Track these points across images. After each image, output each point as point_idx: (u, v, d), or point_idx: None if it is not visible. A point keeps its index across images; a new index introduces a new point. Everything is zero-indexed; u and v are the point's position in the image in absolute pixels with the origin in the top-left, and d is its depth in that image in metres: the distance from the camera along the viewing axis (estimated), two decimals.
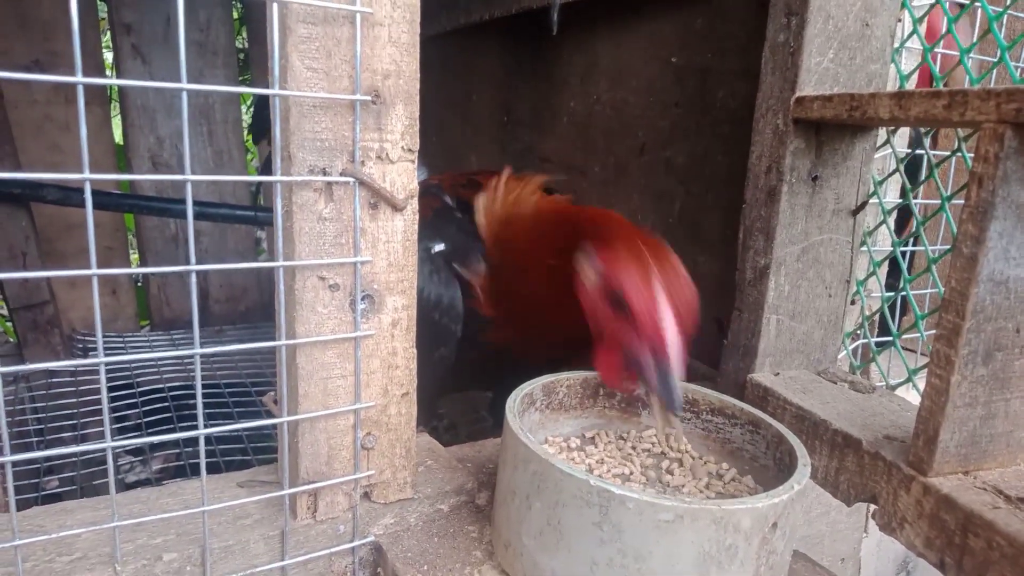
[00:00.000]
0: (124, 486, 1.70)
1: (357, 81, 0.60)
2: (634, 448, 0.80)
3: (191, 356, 0.55)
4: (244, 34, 2.72)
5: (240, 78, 2.59)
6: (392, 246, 0.66)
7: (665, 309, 0.68)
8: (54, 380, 1.91)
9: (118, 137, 2.45)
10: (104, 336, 2.33)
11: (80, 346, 2.22)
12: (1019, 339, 0.65)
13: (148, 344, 2.32)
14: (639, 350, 0.70)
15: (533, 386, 0.76)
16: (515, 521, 0.64)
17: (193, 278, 0.55)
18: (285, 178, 0.59)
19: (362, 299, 0.65)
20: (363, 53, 0.61)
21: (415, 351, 0.69)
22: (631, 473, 0.75)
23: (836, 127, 0.86)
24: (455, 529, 0.72)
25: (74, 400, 1.83)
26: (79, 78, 0.47)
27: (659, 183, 1.45)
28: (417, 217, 0.66)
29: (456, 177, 1.16)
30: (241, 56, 2.65)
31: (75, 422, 1.76)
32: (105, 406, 0.54)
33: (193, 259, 0.56)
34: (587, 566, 0.59)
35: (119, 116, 2.35)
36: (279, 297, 0.62)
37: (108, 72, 2.39)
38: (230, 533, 0.66)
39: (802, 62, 0.83)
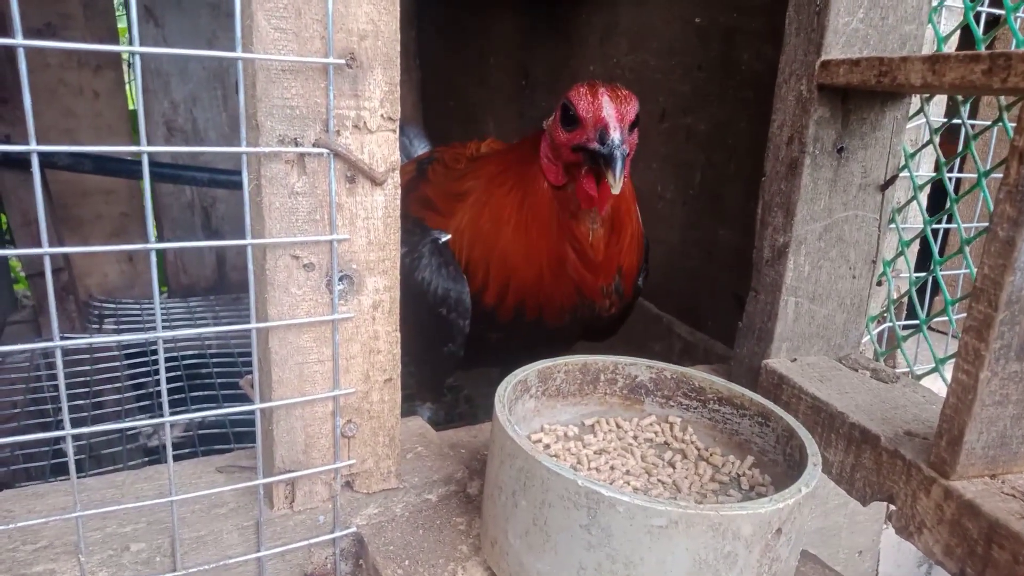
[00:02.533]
0: (144, 451, 1.69)
1: (330, 43, 0.55)
2: (635, 438, 0.75)
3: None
4: None
5: None
6: (372, 223, 0.61)
7: (607, 105, 0.76)
8: (69, 348, 1.91)
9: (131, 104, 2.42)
10: (121, 303, 2.31)
11: (96, 312, 2.22)
12: None
13: (164, 311, 2.32)
14: (588, 138, 0.77)
15: (527, 372, 0.71)
16: (501, 518, 0.60)
17: (153, 256, 0.51)
18: (251, 149, 0.55)
19: (340, 279, 0.61)
20: (336, 11, 0.55)
21: (398, 334, 0.65)
22: (630, 465, 0.70)
23: (864, 94, 0.79)
24: (442, 521, 0.69)
25: (88, 368, 1.83)
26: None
27: (680, 152, 1.38)
28: (399, 192, 0.62)
29: (443, 151, 1.11)
30: None
31: (88, 390, 1.76)
32: (63, 392, 0.50)
33: (152, 237, 0.52)
34: (574, 570, 0.55)
35: (132, 82, 2.32)
36: (251, 276, 0.58)
37: (122, 38, 2.35)
38: (203, 523, 0.63)
39: (828, 22, 0.76)
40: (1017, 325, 0.57)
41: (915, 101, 0.84)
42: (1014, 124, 0.56)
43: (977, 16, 0.81)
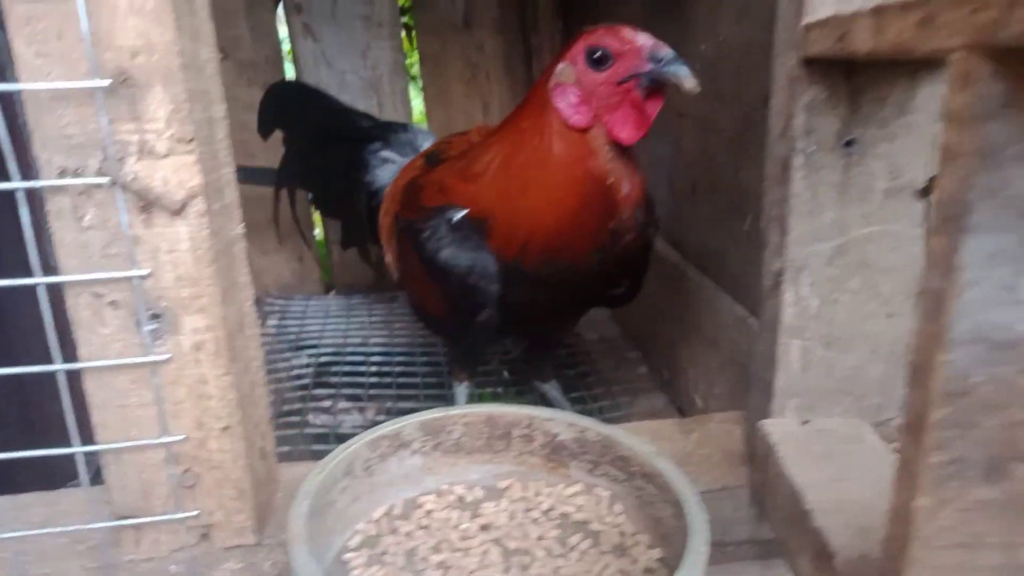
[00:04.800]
0: (336, 437, 1.70)
1: (93, 62, 0.49)
2: (548, 511, 0.61)
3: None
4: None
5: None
6: (178, 256, 0.55)
7: (638, 34, 0.79)
8: None
9: None
10: (289, 299, 2.49)
11: (268, 308, 2.43)
12: None
13: (324, 308, 2.47)
14: (638, 64, 0.79)
15: (401, 425, 0.61)
16: None
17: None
18: (25, 184, 0.51)
19: (152, 319, 0.56)
20: (100, 28, 0.50)
21: (232, 378, 0.58)
22: (517, 547, 0.57)
23: (882, 66, 0.56)
24: None
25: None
26: None
27: None
28: (206, 220, 0.54)
29: (454, 143, 1.04)
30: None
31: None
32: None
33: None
34: None
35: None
36: (45, 317, 0.54)
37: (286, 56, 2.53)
38: (56, 561, 0.62)
39: None
40: (976, 429, 0.35)
41: None
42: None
43: None
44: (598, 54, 0.81)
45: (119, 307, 0.55)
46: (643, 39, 0.79)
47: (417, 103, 2.83)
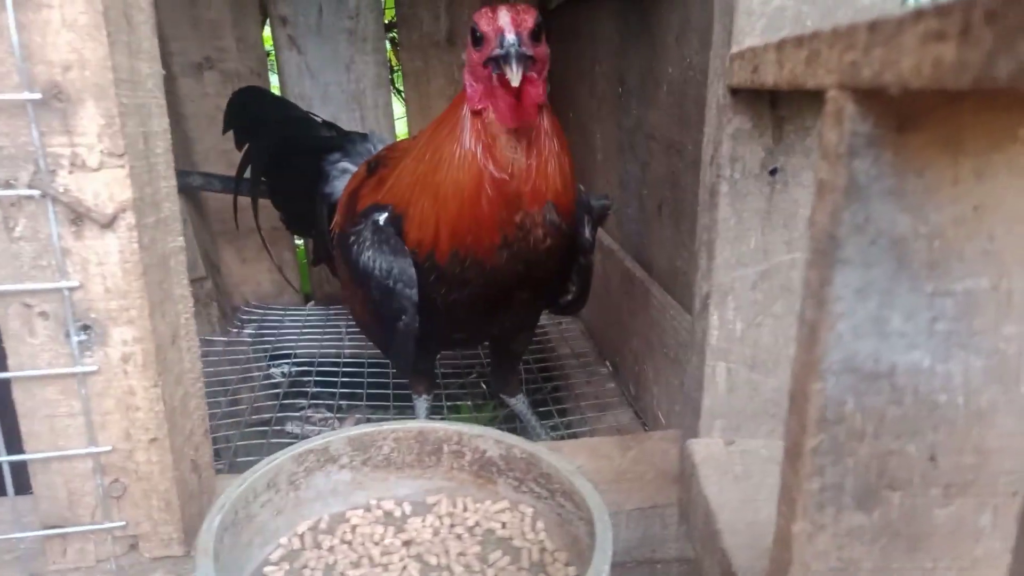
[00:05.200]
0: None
1: (23, 75, 0.50)
2: (473, 528, 0.61)
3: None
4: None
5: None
6: (108, 268, 0.55)
7: (504, 16, 0.77)
8: (207, 349, 2.09)
9: None
10: (268, 309, 2.49)
11: (244, 317, 2.43)
12: (937, 472, 0.36)
13: (304, 319, 2.47)
14: (492, 48, 0.77)
15: (329, 440, 0.61)
16: None
17: None
18: None
19: (81, 330, 0.56)
20: (32, 42, 0.51)
21: (160, 390, 0.59)
22: (437, 563, 0.57)
23: (805, 96, 0.58)
24: None
25: (227, 367, 1.98)
26: None
27: None
28: (136, 234, 0.55)
29: (393, 149, 1.06)
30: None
31: (228, 388, 1.91)
32: None
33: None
34: None
35: None
36: None
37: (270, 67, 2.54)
38: None
39: (738, 2, 0.56)
40: (850, 457, 0.36)
41: None
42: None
43: None
44: (476, 33, 0.80)
45: (48, 318, 0.56)
46: (503, 19, 0.78)
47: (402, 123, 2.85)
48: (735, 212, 0.61)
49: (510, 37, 0.76)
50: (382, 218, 0.91)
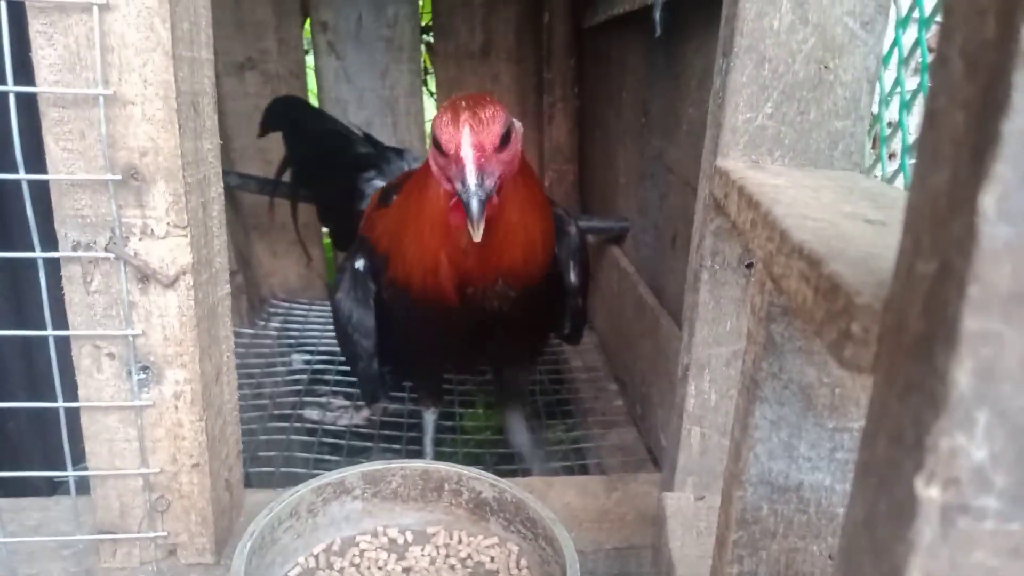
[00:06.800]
0: (323, 433, 1.75)
1: (107, 160, 0.60)
2: (465, 560, 0.70)
3: None
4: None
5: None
6: (167, 320, 0.65)
7: (466, 136, 0.74)
8: (234, 341, 2.20)
9: None
10: (294, 302, 2.60)
11: (272, 311, 2.55)
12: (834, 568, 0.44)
13: (328, 313, 2.57)
14: (451, 172, 0.76)
15: (345, 474, 0.71)
16: None
17: None
18: (45, 254, 0.62)
19: (140, 370, 0.66)
20: (117, 132, 0.60)
21: (205, 423, 0.68)
22: None
23: None
24: None
25: (253, 359, 2.08)
26: None
27: None
28: (193, 292, 0.65)
29: (407, 176, 1.10)
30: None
31: (252, 379, 2.02)
32: None
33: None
34: None
35: None
36: (53, 363, 0.65)
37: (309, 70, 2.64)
38: (43, 562, 0.72)
39: (725, 119, 0.64)
40: (763, 551, 0.45)
41: None
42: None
43: None
44: (437, 143, 0.78)
45: (114, 358, 0.65)
46: (465, 140, 0.74)
47: None
48: (714, 298, 0.69)
49: (471, 181, 0.73)
50: (360, 264, 0.95)
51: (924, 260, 0.22)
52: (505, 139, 0.78)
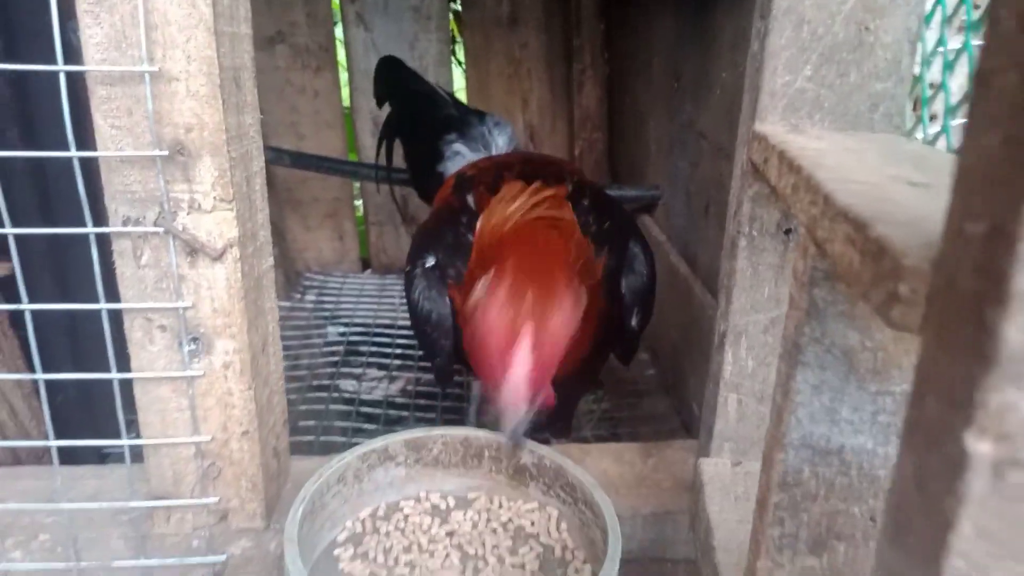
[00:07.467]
0: (360, 403, 1.77)
1: (154, 136, 0.61)
2: (507, 523, 0.72)
3: None
4: None
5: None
6: (215, 292, 0.67)
7: (520, 363, 0.66)
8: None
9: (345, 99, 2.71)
10: (328, 276, 2.64)
11: (306, 283, 2.58)
12: (875, 530, 0.45)
13: (361, 286, 2.61)
14: (489, 396, 0.71)
15: (389, 441, 0.73)
16: None
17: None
18: (96, 229, 0.64)
19: (191, 341, 0.68)
20: (162, 108, 0.61)
21: (253, 392, 0.70)
22: (474, 553, 0.68)
23: None
24: None
25: (290, 332, 2.12)
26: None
27: None
28: (240, 265, 0.66)
29: (485, 172, 1.09)
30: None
31: (289, 352, 2.05)
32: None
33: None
34: None
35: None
36: (107, 335, 0.67)
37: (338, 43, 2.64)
38: (101, 528, 0.75)
39: (763, 82, 0.63)
40: (804, 513, 0.45)
41: None
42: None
43: None
44: (484, 335, 0.71)
45: (165, 330, 0.68)
46: (516, 377, 0.66)
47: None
48: (751, 264, 0.69)
49: (511, 419, 0.69)
50: (430, 262, 0.93)
51: (974, 221, 0.22)
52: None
